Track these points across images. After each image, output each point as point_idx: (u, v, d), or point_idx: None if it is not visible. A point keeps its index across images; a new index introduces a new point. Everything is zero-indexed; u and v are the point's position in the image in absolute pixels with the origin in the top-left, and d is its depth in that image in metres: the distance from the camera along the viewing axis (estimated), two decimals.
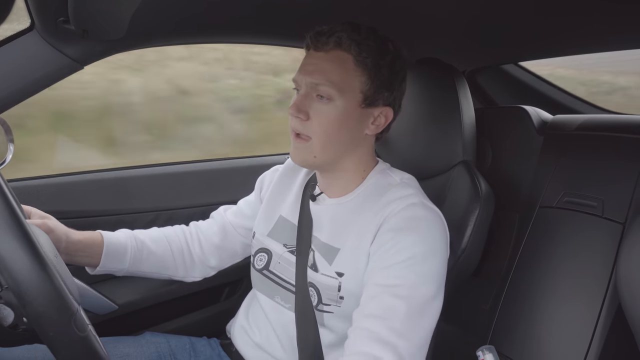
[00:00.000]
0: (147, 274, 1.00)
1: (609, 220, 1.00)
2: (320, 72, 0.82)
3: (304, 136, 0.84)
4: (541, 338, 1.02)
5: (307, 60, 0.86)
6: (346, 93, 0.82)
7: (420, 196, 0.85)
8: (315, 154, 0.85)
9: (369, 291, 0.77)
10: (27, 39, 0.93)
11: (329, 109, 0.82)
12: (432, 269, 0.78)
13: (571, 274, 1.02)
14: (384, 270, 0.77)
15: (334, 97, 0.82)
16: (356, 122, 0.85)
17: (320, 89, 0.82)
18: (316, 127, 0.83)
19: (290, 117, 0.85)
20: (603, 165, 1.07)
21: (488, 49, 1.42)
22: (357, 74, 0.83)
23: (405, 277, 0.75)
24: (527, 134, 1.21)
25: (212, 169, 1.41)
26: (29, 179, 1.14)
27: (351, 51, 0.82)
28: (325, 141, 0.84)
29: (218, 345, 1.05)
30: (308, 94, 0.84)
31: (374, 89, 0.84)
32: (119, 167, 1.29)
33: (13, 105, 0.97)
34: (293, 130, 0.85)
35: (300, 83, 0.85)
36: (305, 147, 0.85)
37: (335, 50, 0.83)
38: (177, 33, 1.11)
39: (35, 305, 0.51)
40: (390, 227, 0.80)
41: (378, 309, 0.73)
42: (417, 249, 0.77)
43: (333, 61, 0.83)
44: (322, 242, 0.88)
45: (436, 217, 0.83)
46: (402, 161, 0.98)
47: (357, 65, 0.83)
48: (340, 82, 0.82)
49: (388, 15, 1.03)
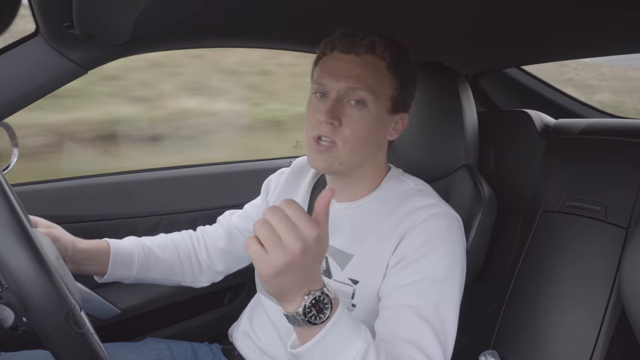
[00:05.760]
0: (155, 280, 1.00)
1: (612, 225, 1.00)
2: (356, 76, 0.80)
3: (328, 142, 0.81)
4: (544, 343, 1.01)
5: (336, 63, 0.82)
6: (379, 99, 0.81)
7: (442, 205, 0.83)
8: (341, 161, 0.82)
9: (392, 309, 0.75)
10: (31, 44, 0.94)
11: (363, 114, 0.80)
12: (453, 285, 0.77)
13: (574, 278, 1.01)
14: (406, 288, 0.76)
15: (369, 103, 0.80)
16: (384, 128, 0.85)
17: (357, 93, 0.79)
18: (348, 133, 0.80)
19: (315, 123, 0.81)
20: (606, 170, 1.06)
21: (491, 53, 1.42)
22: (389, 80, 0.82)
23: (428, 298, 0.74)
24: (530, 138, 1.21)
25: (215, 172, 1.41)
26: (32, 183, 1.15)
27: (385, 57, 0.81)
28: (355, 148, 0.81)
29: (220, 351, 1.04)
30: (340, 99, 0.81)
31: (403, 96, 0.84)
32: (122, 171, 1.29)
33: (18, 110, 0.97)
34: (318, 136, 0.81)
35: (331, 88, 0.81)
36: (330, 154, 0.81)
37: (369, 55, 0.81)
38: (181, 37, 1.11)
39: (32, 300, 0.51)
40: (414, 240, 0.78)
41: (406, 332, 0.72)
42: (440, 266, 0.76)
43: (368, 66, 0.80)
44: (334, 248, 0.86)
45: (456, 226, 0.82)
46: (405, 165, 0.98)
47: (389, 72, 0.82)
48: (375, 88, 0.80)
49: (390, 19, 1.03)
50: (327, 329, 0.60)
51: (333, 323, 0.60)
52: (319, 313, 0.59)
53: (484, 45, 1.34)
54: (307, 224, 0.55)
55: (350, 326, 0.63)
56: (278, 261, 0.54)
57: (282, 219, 0.55)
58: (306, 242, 0.55)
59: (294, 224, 0.55)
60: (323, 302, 0.59)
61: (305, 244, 0.55)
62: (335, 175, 0.90)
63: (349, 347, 0.61)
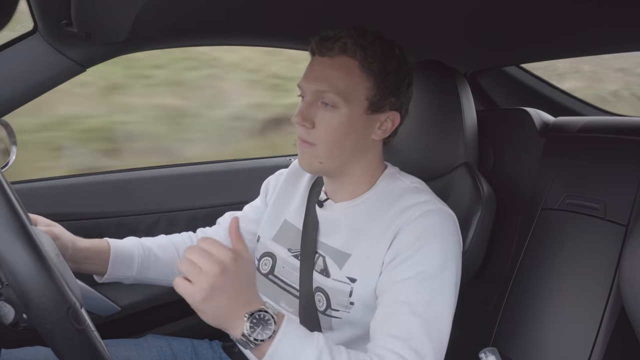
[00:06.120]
0: (155, 281, 1.00)
1: (612, 223, 1.00)
2: (326, 79, 0.80)
3: (308, 143, 0.83)
4: (544, 340, 1.02)
5: (312, 66, 0.84)
6: (352, 100, 0.81)
7: (436, 202, 0.84)
8: (320, 160, 0.84)
9: (387, 306, 0.76)
10: (30, 42, 0.94)
11: (334, 116, 0.81)
12: (448, 280, 0.77)
13: (574, 276, 1.02)
14: (401, 284, 0.76)
15: (339, 105, 0.81)
16: (362, 128, 0.84)
17: (326, 96, 0.80)
18: (322, 134, 0.81)
19: (296, 124, 0.84)
20: (605, 167, 1.06)
21: (490, 51, 1.42)
22: (363, 80, 0.81)
23: (422, 293, 0.75)
24: (529, 136, 1.21)
25: (214, 170, 1.41)
26: (31, 181, 1.15)
27: (357, 57, 0.81)
28: (331, 148, 0.83)
29: (220, 348, 1.05)
30: (313, 101, 0.82)
31: (380, 95, 0.83)
32: (122, 169, 1.29)
33: (16, 108, 0.97)
34: (299, 137, 0.84)
35: (306, 90, 0.83)
36: (311, 153, 0.83)
37: (341, 56, 0.81)
38: (180, 35, 1.11)
39: (32, 297, 0.51)
40: (407, 236, 0.79)
41: (398, 329, 0.72)
42: (434, 261, 0.76)
43: (338, 68, 0.81)
44: (332, 248, 0.87)
45: (451, 223, 0.82)
46: (404, 163, 0.98)
47: (363, 71, 0.81)
48: (345, 90, 0.80)
49: (389, 18, 1.03)
50: (276, 343, 0.63)
51: (282, 334, 0.64)
52: (264, 330, 0.63)
53: (483, 43, 1.34)
54: (220, 249, 0.62)
55: (300, 334, 0.66)
56: (202, 286, 0.59)
57: (199, 252, 0.62)
58: (223, 264, 0.61)
59: (210, 253, 0.62)
60: (264, 319, 0.63)
61: (223, 265, 0.61)
62: (326, 176, 0.91)
63: (302, 355, 0.64)
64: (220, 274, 0.60)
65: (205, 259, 0.61)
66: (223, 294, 0.60)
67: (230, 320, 0.62)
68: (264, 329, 0.63)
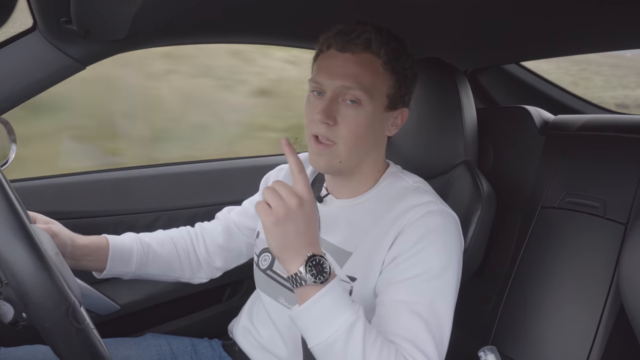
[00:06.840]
0: (154, 276, 1.00)
1: (611, 221, 1.00)
2: (351, 75, 0.79)
3: (326, 141, 0.81)
4: (543, 339, 1.02)
5: (332, 61, 0.81)
6: (375, 97, 0.81)
7: (438, 203, 0.84)
8: (340, 159, 0.83)
9: (387, 306, 0.76)
10: (29, 40, 0.94)
11: (358, 113, 0.80)
12: (449, 281, 0.78)
13: (573, 274, 1.02)
14: (402, 284, 0.76)
15: (364, 102, 0.80)
16: (380, 125, 0.84)
17: (352, 92, 0.79)
18: (344, 132, 0.80)
19: (312, 120, 0.81)
20: (605, 166, 1.06)
21: (490, 49, 1.42)
22: (386, 77, 0.82)
23: (424, 294, 0.75)
24: (529, 134, 1.21)
25: (214, 169, 1.41)
26: (31, 179, 1.14)
27: (381, 54, 0.81)
28: (352, 146, 0.82)
29: (219, 347, 1.05)
30: (335, 98, 0.80)
31: (398, 92, 0.84)
32: (121, 167, 1.29)
33: (15, 106, 0.97)
34: (315, 134, 0.81)
35: (327, 86, 0.81)
36: (330, 153, 0.82)
37: (365, 53, 0.80)
38: (180, 33, 1.11)
39: (31, 296, 0.51)
40: (409, 237, 0.79)
41: (401, 329, 0.72)
42: (435, 262, 0.77)
43: (363, 64, 0.80)
44: (332, 245, 0.86)
45: (453, 224, 0.82)
46: (404, 161, 0.98)
47: (386, 69, 0.81)
48: (371, 87, 0.80)
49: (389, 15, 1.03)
50: (323, 292, 0.67)
51: (331, 286, 0.67)
52: (319, 273, 0.67)
53: (483, 41, 1.34)
54: (301, 185, 0.69)
55: (345, 295, 0.69)
56: (279, 210, 0.66)
57: (283, 185, 0.69)
58: (302, 199, 0.68)
59: (293, 189, 0.69)
60: (322, 265, 0.67)
61: (301, 199, 0.68)
62: (336, 174, 0.90)
63: (341, 313, 0.67)
64: (296, 207, 0.67)
65: (287, 190, 0.68)
66: (294, 225, 0.67)
67: (292, 252, 0.67)
68: (318, 274, 0.67)
